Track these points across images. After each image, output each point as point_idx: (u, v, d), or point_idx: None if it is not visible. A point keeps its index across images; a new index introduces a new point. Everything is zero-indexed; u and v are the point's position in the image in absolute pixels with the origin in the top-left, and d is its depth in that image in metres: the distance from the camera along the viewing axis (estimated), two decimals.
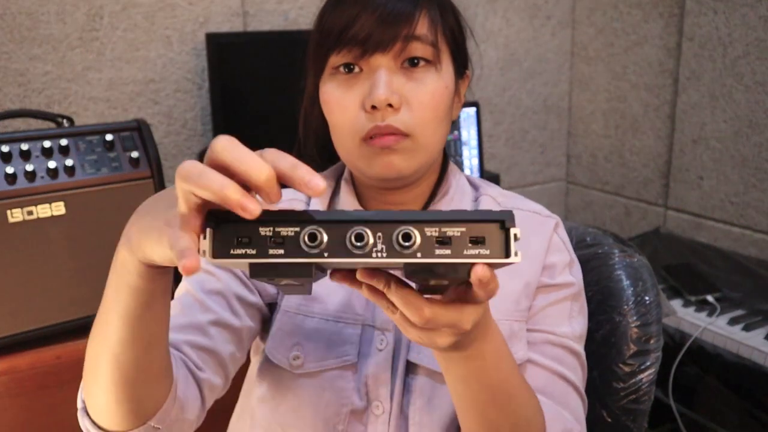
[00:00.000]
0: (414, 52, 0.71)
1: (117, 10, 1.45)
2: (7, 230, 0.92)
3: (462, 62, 0.78)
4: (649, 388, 0.88)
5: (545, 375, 0.75)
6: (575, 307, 0.79)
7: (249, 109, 1.49)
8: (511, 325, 0.75)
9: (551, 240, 0.80)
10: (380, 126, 0.70)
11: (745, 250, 1.61)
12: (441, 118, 0.73)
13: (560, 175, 2.17)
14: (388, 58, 0.71)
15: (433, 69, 0.72)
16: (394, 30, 0.70)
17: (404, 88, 0.71)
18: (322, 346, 0.77)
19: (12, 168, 0.92)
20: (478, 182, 0.87)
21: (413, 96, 0.71)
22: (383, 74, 0.71)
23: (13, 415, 0.95)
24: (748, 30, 1.53)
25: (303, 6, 1.64)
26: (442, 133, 0.75)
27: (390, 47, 0.70)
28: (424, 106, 0.71)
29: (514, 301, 0.76)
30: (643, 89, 1.83)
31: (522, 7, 1.95)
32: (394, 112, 0.71)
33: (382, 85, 0.70)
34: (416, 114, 0.71)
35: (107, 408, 0.66)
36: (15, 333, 0.95)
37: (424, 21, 0.71)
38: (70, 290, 0.98)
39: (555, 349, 0.76)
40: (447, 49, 0.75)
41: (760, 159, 1.55)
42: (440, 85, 0.73)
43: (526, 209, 0.83)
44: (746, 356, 1.26)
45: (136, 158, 1.00)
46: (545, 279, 0.78)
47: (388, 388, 0.75)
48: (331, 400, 0.75)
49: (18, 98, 1.39)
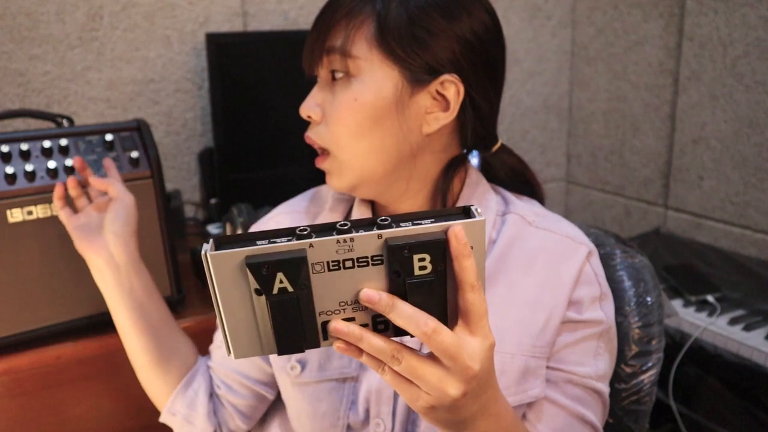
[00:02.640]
0: (332, 65, 0.70)
1: (117, 10, 1.44)
2: (7, 230, 0.92)
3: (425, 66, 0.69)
4: (650, 388, 0.87)
5: (563, 416, 0.72)
6: (602, 345, 0.75)
7: (249, 109, 1.48)
8: (527, 361, 0.71)
9: (582, 271, 0.74)
10: (305, 135, 0.75)
11: (745, 250, 1.61)
12: (356, 133, 0.69)
13: (560, 175, 2.17)
14: (325, 71, 0.72)
15: (347, 81, 0.70)
16: (320, 42, 0.71)
17: (325, 102, 0.72)
18: (323, 357, 0.76)
19: (12, 168, 0.92)
20: (512, 198, 0.81)
21: (329, 110, 0.71)
22: (315, 87, 0.74)
23: (13, 415, 0.95)
24: (749, 30, 1.53)
25: (303, 6, 1.63)
26: (365, 149, 0.70)
27: (318, 61, 0.72)
28: (334, 120, 0.70)
29: (535, 335, 0.71)
30: (643, 89, 1.83)
31: (522, 7, 1.95)
32: (314, 124, 0.74)
33: (307, 98, 0.73)
34: (330, 129, 0.71)
35: (153, 384, 0.86)
36: (15, 333, 0.95)
37: (339, 31, 0.69)
38: (70, 290, 0.98)
39: (576, 389, 0.73)
40: (381, 55, 0.68)
41: (760, 159, 1.55)
42: (347, 98, 0.69)
43: (559, 233, 0.77)
44: (746, 356, 1.26)
45: (135, 158, 0.99)
46: (572, 314, 0.73)
47: (391, 406, 0.73)
48: (327, 412, 0.75)
49: (18, 98, 1.39)
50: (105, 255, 0.84)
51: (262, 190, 1.49)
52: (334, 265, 0.48)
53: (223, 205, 1.48)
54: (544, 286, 0.73)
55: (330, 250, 0.47)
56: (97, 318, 0.98)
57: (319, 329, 0.51)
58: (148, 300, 0.85)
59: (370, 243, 0.48)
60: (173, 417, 0.86)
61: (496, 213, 0.78)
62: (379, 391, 0.73)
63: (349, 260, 0.48)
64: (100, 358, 0.97)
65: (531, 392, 0.71)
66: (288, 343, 0.50)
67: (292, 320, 0.49)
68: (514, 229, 0.77)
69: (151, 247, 1.02)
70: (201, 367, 0.89)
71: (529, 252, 0.75)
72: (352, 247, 0.47)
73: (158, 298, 0.87)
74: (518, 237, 0.76)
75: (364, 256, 0.48)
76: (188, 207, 1.60)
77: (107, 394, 1.00)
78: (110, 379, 0.96)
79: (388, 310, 0.49)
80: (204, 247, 0.47)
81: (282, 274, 0.47)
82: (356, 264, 0.48)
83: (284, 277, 0.47)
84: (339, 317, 0.50)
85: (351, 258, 0.48)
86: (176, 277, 1.07)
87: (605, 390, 0.76)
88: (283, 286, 0.47)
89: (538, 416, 0.72)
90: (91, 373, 0.99)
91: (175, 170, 1.58)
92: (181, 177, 1.59)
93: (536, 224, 0.77)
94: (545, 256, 0.75)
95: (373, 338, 0.49)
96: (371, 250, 0.48)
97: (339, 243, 0.47)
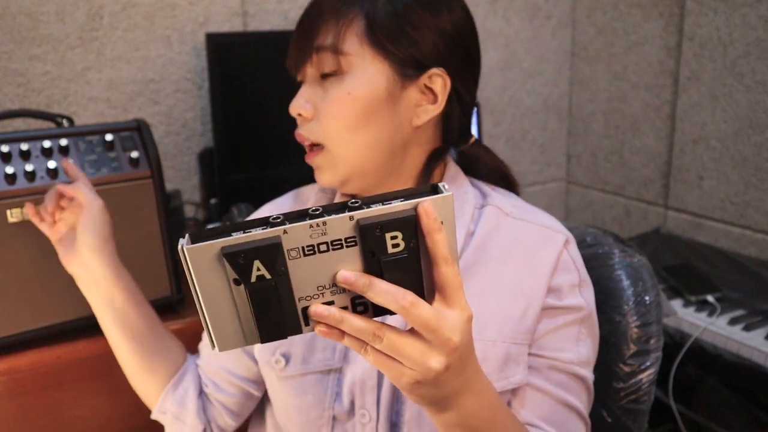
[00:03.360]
0: (322, 63, 0.72)
1: (117, 10, 1.45)
2: (7, 230, 0.92)
3: (413, 60, 0.72)
4: (649, 388, 0.88)
5: (548, 402, 0.73)
6: (583, 331, 0.76)
7: (249, 109, 1.48)
8: (509, 348, 0.72)
9: (559, 258, 0.76)
10: (295, 133, 0.76)
11: (745, 250, 1.61)
12: (351, 126, 0.72)
13: (560, 175, 2.17)
14: (312, 69, 0.74)
15: (340, 76, 0.72)
16: (308, 42, 0.73)
17: (316, 98, 0.74)
18: (307, 350, 0.77)
19: (12, 168, 0.92)
20: (489, 191, 0.83)
21: (321, 106, 0.73)
22: (304, 86, 0.75)
23: (13, 415, 0.95)
24: (749, 30, 1.53)
25: (303, 6, 1.62)
26: (361, 142, 0.73)
27: (307, 59, 0.74)
28: (328, 115, 0.72)
29: (515, 322, 0.73)
30: (643, 89, 1.83)
31: (522, 7, 1.95)
32: (305, 121, 0.75)
33: (297, 96, 0.75)
34: (322, 123, 0.73)
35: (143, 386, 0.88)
36: (15, 333, 0.95)
37: (328, 30, 0.72)
38: (70, 290, 0.98)
39: (559, 375, 0.74)
40: (372, 51, 0.71)
41: (760, 159, 1.55)
42: (341, 92, 0.71)
43: (536, 222, 0.79)
44: (746, 356, 1.26)
45: (135, 158, 1.00)
46: (551, 301, 0.74)
47: (375, 396, 0.73)
48: (313, 404, 0.75)
49: (18, 98, 1.39)
50: (84, 269, 0.84)
51: (262, 190, 1.48)
52: (309, 250, 0.49)
53: (223, 205, 1.48)
54: (523, 274, 0.75)
55: (304, 235, 0.48)
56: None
57: (300, 315, 0.51)
58: (130, 307, 0.85)
59: (342, 225, 0.48)
60: (164, 415, 0.88)
61: (474, 206, 0.80)
62: (363, 381, 0.74)
63: (323, 244, 0.49)
64: (100, 358, 0.97)
65: (513, 379, 0.72)
66: (270, 330, 0.50)
67: (272, 307, 0.49)
68: (491, 220, 0.78)
69: (151, 247, 1.02)
70: (190, 366, 0.90)
71: (507, 242, 0.77)
72: (325, 231, 0.48)
73: (142, 303, 0.88)
74: (496, 228, 0.78)
75: (338, 238, 0.49)
76: (188, 207, 1.60)
77: (107, 394, 1.00)
78: (110, 379, 0.96)
79: (365, 289, 0.49)
80: (180, 242, 0.48)
81: (258, 262, 0.47)
82: (330, 247, 0.49)
83: (261, 265, 0.47)
84: (318, 302, 0.51)
85: (325, 241, 0.49)
86: (176, 277, 1.07)
87: (589, 376, 0.77)
88: (261, 274, 0.48)
89: (522, 402, 0.73)
90: (91, 373, 0.99)
91: (175, 170, 1.58)
92: (181, 177, 1.59)
93: (513, 215, 0.79)
94: (523, 245, 0.77)
95: (354, 319, 0.50)
96: (344, 232, 0.49)
97: (312, 228, 0.48)
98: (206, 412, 0.88)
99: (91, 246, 0.83)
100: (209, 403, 0.89)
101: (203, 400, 0.89)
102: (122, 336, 0.86)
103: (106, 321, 0.86)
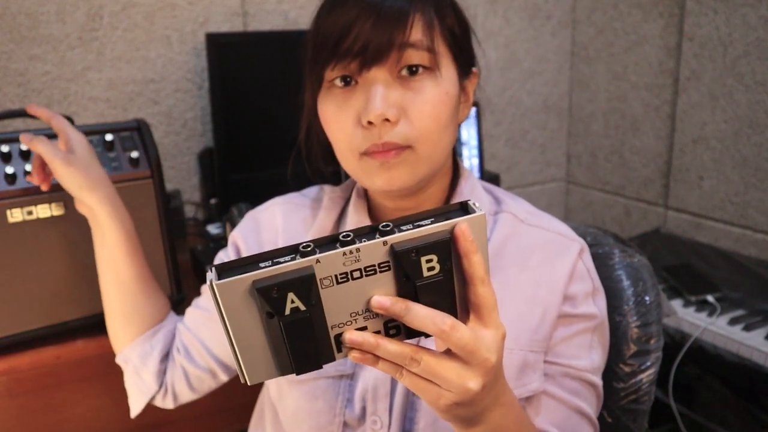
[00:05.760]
0: (410, 60, 0.68)
1: (117, 10, 1.45)
2: (7, 230, 0.92)
3: (466, 61, 0.75)
4: (649, 388, 0.87)
5: (562, 409, 0.73)
6: (596, 338, 0.76)
7: (249, 109, 1.48)
8: (526, 356, 0.72)
9: (575, 267, 0.76)
10: (377, 144, 0.68)
11: (745, 250, 1.61)
12: (444, 126, 0.70)
13: (560, 175, 2.17)
14: (384, 69, 0.68)
15: (432, 76, 0.69)
16: (388, 40, 0.66)
17: (402, 100, 0.68)
18: None
19: (12, 168, 0.92)
20: (501, 196, 0.83)
21: (412, 107, 0.68)
22: (379, 88, 0.67)
23: (13, 415, 0.95)
24: (749, 30, 1.53)
25: (303, 6, 1.63)
26: (447, 141, 0.72)
27: (385, 58, 0.67)
28: (425, 116, 0.68)
29: (532, 330, 0.73)
30: (643, 89, 1.83)
31: (522, 7, 1.95)
32: (391, 126, 0.68)
33: (377, 100, 0.67)
34: (416, 125, 0.68)
35: (115, 330, 0.89)
36: (15, 333, 0.95)
37: (419, 25, 0.68)
38: (70, 290, 0.98)
39: (573, 382, 0.74)
40: (447, 50, 0.71)
41: (760, 159, 1.55)
42: (439, 92, 0.69)
43: (550, 230, 0.79)
44: (746, 356, 1.26)
45: (135, 158, 0.99)
46: (567, 309, 0.75)
47: (387, 403, 0.73)
48: (323, 409, 0.75)
49: (18, 98, 1.39)
50: (88, 213, 0.88)
51: (262, 190, 1.48)
52: (343, 278, 0.48)
53: (223, 205, 1.48)
54: (540, 282, 0.75)
55: (337, 263, 0.47)
56: (97, 318, 0.98)
57: (332, 343, 0.50)
58: (120, 255, 0.87)
59: (376, 251, 0.47)
60: (125, 364, 0.90)
61: (489, 212, 0.80)
62: (375, 388, 0.73)
63: (356, 270, 0.48)
64: (100, 358, 0.97)
65: (530, 386, 0.72)
66: (304, 361, 0.49)
67: (307, 338, 0.48)
68: (507, 227, 0.78)
69: (151, 247, 1.02)
70: (167, 326, 0.91)
71: (523, 249, 0.77)
72: (358, 257, 0.47)
73: (134, 254, 0.89)
74: (512, 235, 0.78)
75: (371, 264, 0.48)
76: (188, 207, 1.60)
77: (107, 394, 1.00)
78: (110, 379, 0.96)
79: (402, 314, 0.48)
80: (208, 277, 0.46)
81: (293, 294, 0.46)
82: (364, 273, 0.48)
83: (295, 297, 0.46)
84: (351, 328, 0.50)
85: (359, 268, 0.48)
86: (176, 276, 1.07)
87: (599, 383, 0.77)
88: (295, 306, 0.47)
89: (537, 410, 0.73)
90: (91, 373, 0.99)
91: (175, 170, 1.58)
92: (181, 177, 1.59)
93: (528, 222, 0.79)
94: (539, 252, 0.77)
95: (389, 344, 0.49)
96: (378, 257, 0.48)
97: (345, 255, 0.47)
98: (166, 375, 0.89)
99: (78, 193, 0.85)
100: (174, 366, 0.89)
101: (167, 364, 0.89)
102: (105, 279, 0.88)
103: (98, 261, 0.89)
